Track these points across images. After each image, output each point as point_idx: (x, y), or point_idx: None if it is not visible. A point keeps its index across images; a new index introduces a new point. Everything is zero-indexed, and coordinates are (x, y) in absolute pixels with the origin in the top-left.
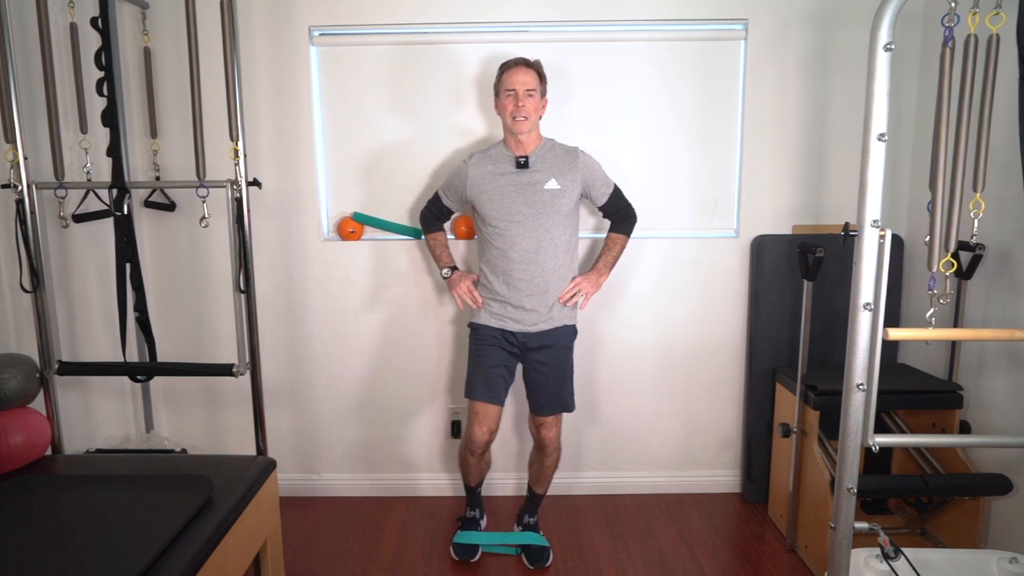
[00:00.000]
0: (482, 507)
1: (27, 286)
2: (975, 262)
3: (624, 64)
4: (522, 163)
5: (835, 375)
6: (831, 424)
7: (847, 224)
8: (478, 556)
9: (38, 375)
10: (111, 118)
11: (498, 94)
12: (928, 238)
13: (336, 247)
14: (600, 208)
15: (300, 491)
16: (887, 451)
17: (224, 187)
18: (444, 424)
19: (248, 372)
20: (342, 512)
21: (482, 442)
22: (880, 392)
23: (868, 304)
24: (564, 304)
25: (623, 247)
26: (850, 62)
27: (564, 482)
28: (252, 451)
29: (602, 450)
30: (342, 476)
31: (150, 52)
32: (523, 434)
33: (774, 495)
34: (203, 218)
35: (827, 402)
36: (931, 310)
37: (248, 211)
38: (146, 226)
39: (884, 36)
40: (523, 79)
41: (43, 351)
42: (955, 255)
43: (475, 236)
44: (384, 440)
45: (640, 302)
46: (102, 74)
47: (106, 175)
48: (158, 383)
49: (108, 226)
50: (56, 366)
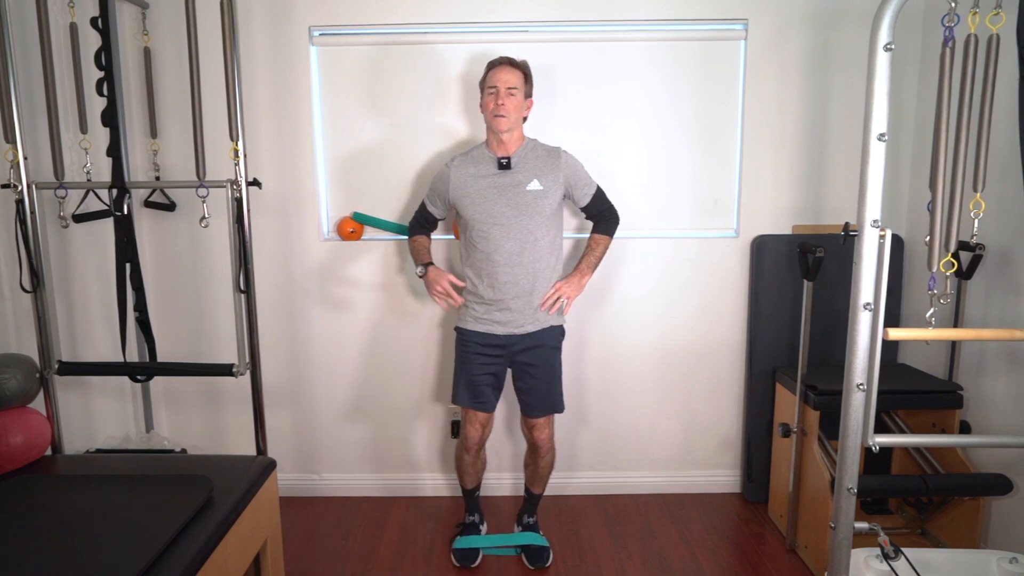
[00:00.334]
0: (481, 512)
1: (27, 286)
2: (975, 262)
3: (624, 64)
4: (504, 164)
5: (835, 375)
6: (831, 424)
7: (847, 224)
8: (479, 561)
9: (38, 375)
10: (111, 118)
11: (482, 92)
12: (928, 238)
13: (336, 247)
14: (583, 209)
15: (300, 491)
16: (887, 451)
17: (224, 187)
18: (444, 424)
19: (248, 372)
20: (342, 512)
21: (475, 438)
22: (880, 392)
23: (868, 304)
24: (548, 311)
25: (606, 248)
26: (850, 62)
27: (564, 482)
28: (252, 451)
29: (602, 450)
30: (342, 476)
31: (150, 52)
32: (517, 434)
33: (774, 495)
34: (203, 218)
35: (827, 402)
36: (931, 310)
37: (248, 211)
38: (146, 226)
39: (884, 36)
40: (506, 77)
41: (43, 351)
42: (955, 255)
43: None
44: (384, 440)
45: (640, 302)
46: (102, 74)
47: (106, 175)
48: (158, 383)
49: (108, 226)
50: (56, 366)
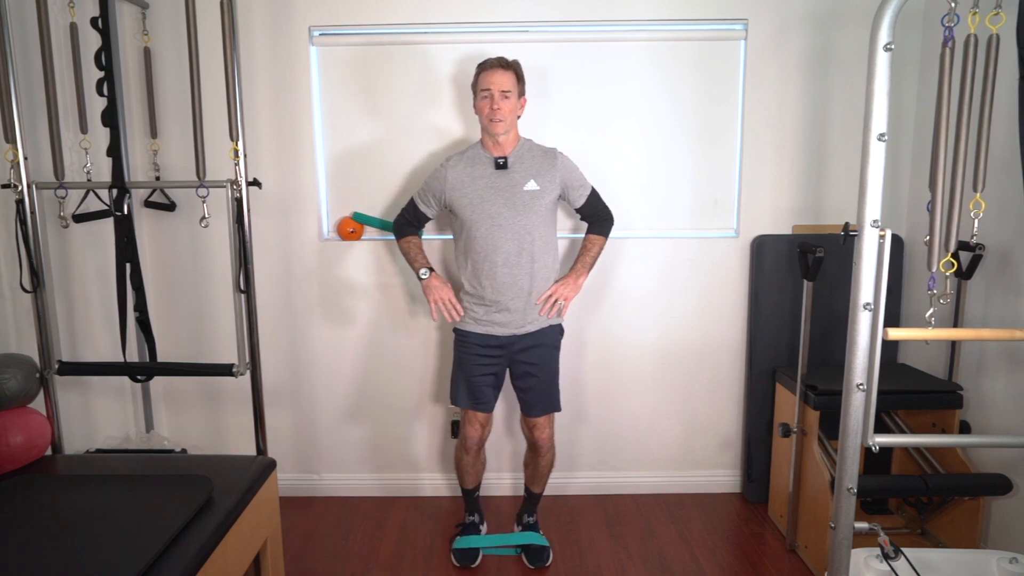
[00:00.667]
0: (481, 512)
1: (27, 286)
2: (975, 262)
3: (624, 64)
4: (501, 164)
5: (835, 375)
6: (831, 424)
7: (847, 224)
8: (479, 561)
9: (38, 375)
10: (111, 118)
11: (475, 94)
12: (928, 238)
13: (336, 247)
14: (578, 210)
15: (300, 491)
16: (887, 451)
17: (224, 187)
18: (444, 424)
19: (248, 372)
20: (342, 512)
21: (475, 438)
22: (880, 392)
23: (868, 304)
24: (546, 315)
25: (601, 248)
26: (850, 62)
27: (564, 482)
28: (252, 451)
29: (602, 450)
30: (342, 476)
31: (150, 52)
32: (516, 434)
33: (774, 495)
34: (203, 218)
35: (827, 402)
36: (931, 310)
37: (248, 211)
38: (146, 226)
39: (884, 36)
40: (498, 80)
41: (43, 351)
42: (955, 255)
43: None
44: (384, 440)
45: (640, 302)
46: (102, 74)
47: (106, 175)
48: (158, 383)
49: (108, 226)
50: (56, 366)
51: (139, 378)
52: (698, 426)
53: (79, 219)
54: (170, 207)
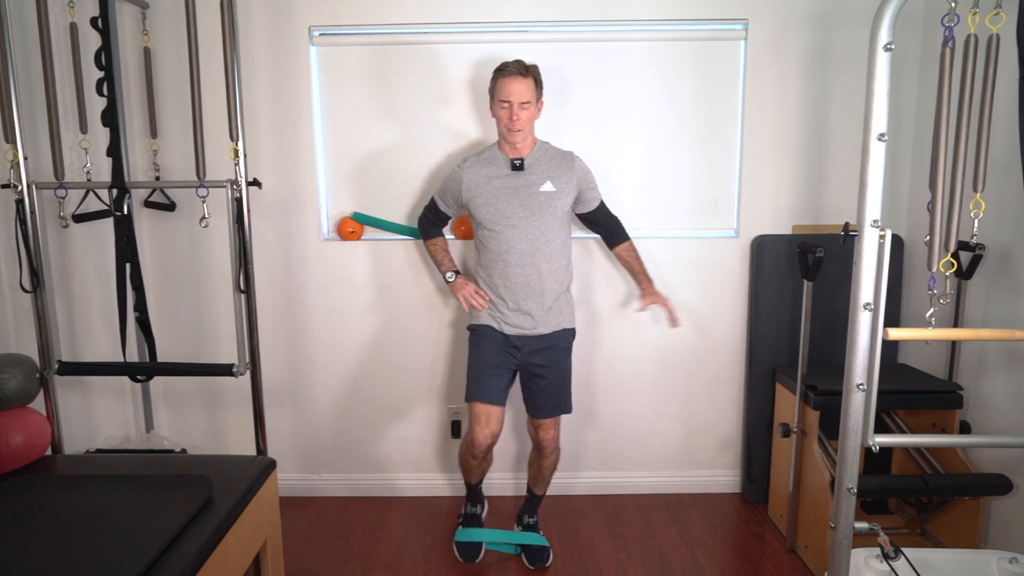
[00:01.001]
0: (483, 501)
1: (27, 286)
2: (975, 262)
3: (624, 64)
4: (517, 165)
5: (835, 375)
6: (831, 424)
7: (847, 224)
8: (481, 555)
9: (38, 375)
10: (111, 118)
11: (493, 99)
12: (928, 238)
13: (336, 247)
14: (587, 215)
15: (300, 491)
16: (887, 451)
17: (224, 187)
18: (444, 424)
19: (248, 372)
20: (342, 512)
21: (484, 446)
22: (880, 392)
23: (868, 304)
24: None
25: (637, 250)
26: (850, 62)
27: (564, 482)
28: (252, 451)
29: (602, 450)
30: (342, 476)
31: (150, 52)
32: (522, 435)
33: (774, 495)
34: (203, 218)
35: (827, 402)
36: (931, 310)
37: (248, 211)
38: (146, 226)
39: (884, 36)
40: (518, 89)
41: (43, 351)
42: (955, 255)
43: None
44: (384, 440)
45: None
46: (102, 74)
47: (106, 175)
48: (158, 383)
49: (108, 226)
50: (56, 366)
51: (139, 378)
52: (698, 426)
53: (79, 219)
54: (170, 207)
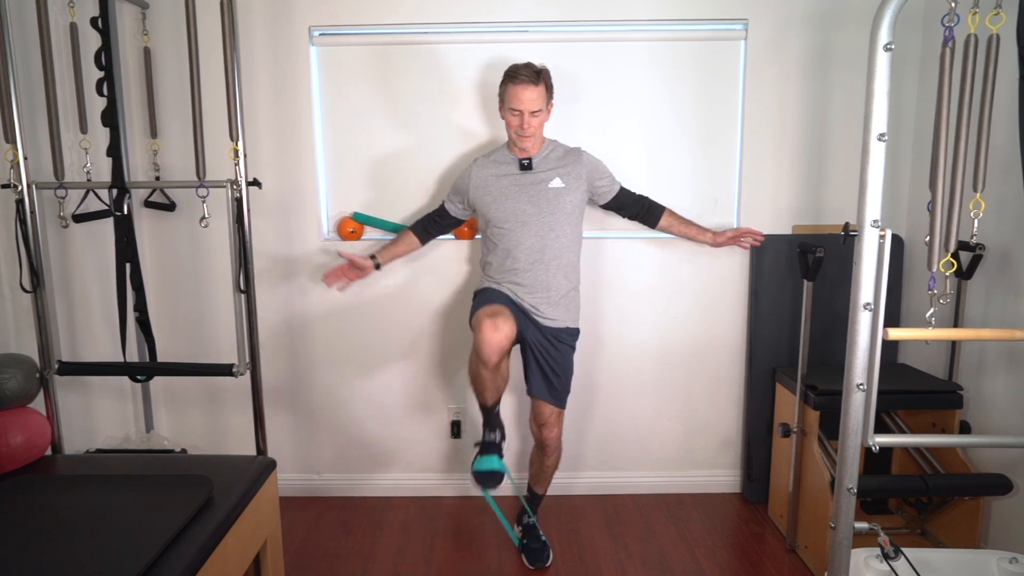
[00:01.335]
0: (502, 428)
1: (27, 286)
2: (975, 262)
3: (624, 64)
4: (526, 165)
5: (835, 375)
6: (831, 424)
7: (847, 224)
8: (501, 484)
9: (38, 375)
10: (111, 118)
11: (503, 104)
12: (928, 238)
13: (336, 247)
14: (614, 202)
15: (300, 491)
16: (887, 451)
17: (224, 187)
18: (444, 424)
19: (248, 372)
20: (342, 512)
21: (494, 343)
22: (880, 392)
23: (868, 304)
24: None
25: (678, 214)
26: (850, 62)
27: (564, 482)
28: (252, 451)
29: (602, 450)
30: (342, 476)
31: (150, 52)
32: (524, 434)
33: (774, 495)
34: (203, 218)
35: (827, 402)
36: (931, 310)
37: (248, 211)
38: (146, 226)
39: (884, 36)
40: (530, 97)
41: (43, 351)
42: (955, 255)
43: (475, 236)
44: (384, 440)
45: (640, 302)
46: (102, 74)
47: (106, 175)
48: (158, 383)
49: (108, 226)
50: (56, 366)
51: (139, 378)
52: (698, 426)
53: (79, 219)
54: (170, 207)
